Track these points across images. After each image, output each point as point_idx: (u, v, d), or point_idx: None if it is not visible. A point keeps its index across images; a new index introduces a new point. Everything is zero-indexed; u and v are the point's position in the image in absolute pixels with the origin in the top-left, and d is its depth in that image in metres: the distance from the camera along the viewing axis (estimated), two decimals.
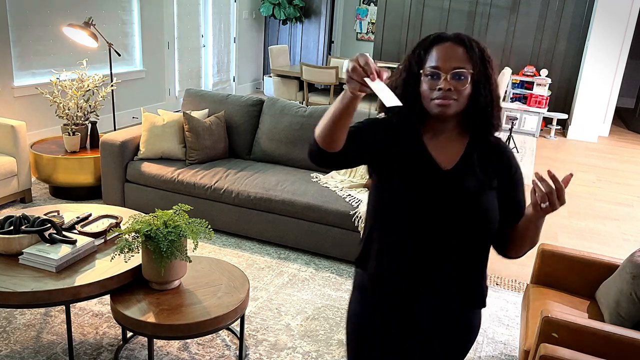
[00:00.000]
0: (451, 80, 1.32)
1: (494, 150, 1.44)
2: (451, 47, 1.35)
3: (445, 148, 1.42)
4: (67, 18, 5.55)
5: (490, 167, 1.42)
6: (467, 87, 1.34)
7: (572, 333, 1.98)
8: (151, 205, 3.85)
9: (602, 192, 5.53)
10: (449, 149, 1.42)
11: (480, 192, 1.38)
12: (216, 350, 2.59)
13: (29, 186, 4.08)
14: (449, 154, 1.41)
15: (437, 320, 1.44)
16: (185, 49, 7.66)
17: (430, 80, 1.34)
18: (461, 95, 1.33)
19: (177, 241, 2.17)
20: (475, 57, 1.35)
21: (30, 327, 2.67)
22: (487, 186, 1.39)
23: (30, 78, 5.26)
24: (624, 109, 10.14)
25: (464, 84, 1.33)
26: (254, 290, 3.16)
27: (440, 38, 1.38)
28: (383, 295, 1.45)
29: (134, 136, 3.99)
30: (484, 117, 1.39)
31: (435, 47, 1.37)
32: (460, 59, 1.34)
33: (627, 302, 2.20)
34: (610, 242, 4.27)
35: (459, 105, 1.34)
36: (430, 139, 1.43)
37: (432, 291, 1.41)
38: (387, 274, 1.43)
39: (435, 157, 1.41)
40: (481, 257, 1.44)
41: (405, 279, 1.41)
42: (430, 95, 1.34)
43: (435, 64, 1.33)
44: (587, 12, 7.82)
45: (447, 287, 1.41)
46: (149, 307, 2.17)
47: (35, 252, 2.25)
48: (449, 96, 1.32)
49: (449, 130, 1.43)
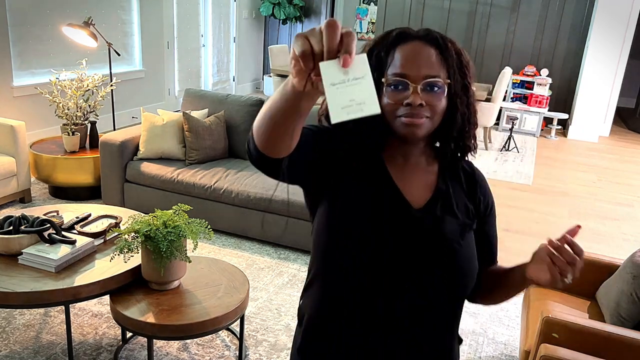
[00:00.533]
0: (423, 93, 1.02)
1: (469, 180, 1.19)
2: (421, 48, 1.04)
3: (412, 178, 1.12)
4: (67, 18, 5.54)
5: (468, 201, 1.16)
6: (443, 101, 1.04)
7: (572, 333, 1.98)
8: (151, 205, 3.85)
9: (603, 192, 5.53)
10: (416, 179, 1.13)
11: (461, 236, 1.10)
12: (216, 351, 2.59)
13: (28, 186, 4.08)
14: (418, 187, 1.12)
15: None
16: (185, 48, 7.66)
17: (395, 91, 1.02)
18: (435, 112, 1.04)
19: (176, 241, 2.16)
20: (452, 62, 1.06)
21: (30, 327, 2.66)
22: (467, 228, 1.12)
23: (29, 78, 5.26)
24: (625, 109, 10.14)
25: (439, 98, 1.03)
26: (253, 290, 3.15)
27: (406, 35, 1.06)
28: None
29: (133, 136, 3.98)
30: (460, 137, 1.11)
31: (399, 47, 1.05)
32: (434, 65, 1.03)
33: (627, 303, 2.20)
34: (611, 242, 4.27)
35: (432, 124, 1.05)
36: (392, 166, 1.12)
37: (393, 357, 1.10)
38: (336, 337, 1.11)
39: (402, 191, 1.10)
40: (457, 312, 1.15)
41: (359, 345, 1.10)
42: (394, 112, 1.03)
43: (401, 70, 1.02)
44: (587, 11, 7.82)
45: (413, 352, 1.11)
46: (149, 308, 2.17)
47: (34, 252, 2.25)
48: (420, 113, 1.02)
49: (416, 155, 1.13)
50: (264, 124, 0.88)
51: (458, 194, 1.15)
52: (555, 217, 4.71)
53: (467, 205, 1.15)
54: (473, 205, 1.16)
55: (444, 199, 1.13)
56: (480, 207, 1.18)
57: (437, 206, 1.11)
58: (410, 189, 1.12)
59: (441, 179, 1.15)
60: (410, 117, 1.02)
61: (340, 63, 0.71)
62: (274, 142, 0.90)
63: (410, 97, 1.02)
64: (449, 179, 1.16)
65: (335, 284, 1.09)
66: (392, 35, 1.08)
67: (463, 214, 1.13)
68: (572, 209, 4.95)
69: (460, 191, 1.16)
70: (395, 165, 1.13)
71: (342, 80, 0.72)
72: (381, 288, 1.06)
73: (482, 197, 1.19)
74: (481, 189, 1.19)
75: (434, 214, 1.10)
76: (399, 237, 1.07)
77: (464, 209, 1.14)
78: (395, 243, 1.07)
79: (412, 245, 1.07)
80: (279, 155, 0.93)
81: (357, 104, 0.72)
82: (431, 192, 1.13)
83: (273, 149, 0.91)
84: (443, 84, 1.04)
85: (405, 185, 1.11)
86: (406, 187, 1.11)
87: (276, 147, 0.91)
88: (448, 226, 1.10)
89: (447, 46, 1.06)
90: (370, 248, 1.06)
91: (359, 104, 0.72)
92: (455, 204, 1.13)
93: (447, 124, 1.09)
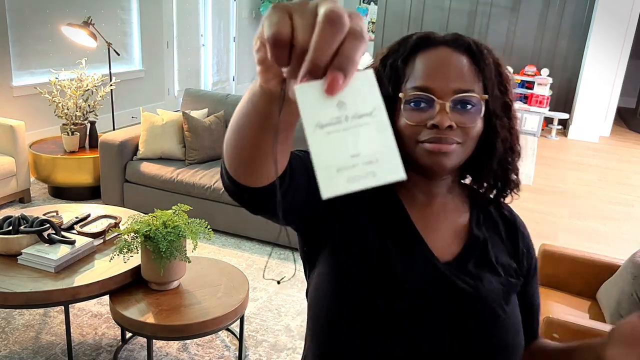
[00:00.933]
0: (452, 112, 0.80)
1: (510, 228, 0.94)
2: (450, 55, 0.83)
3: (437, 224, 0.89)
4: (66, 17, 5.54)
5: (509, 255, 0.92)
6: (478, 123, 0.83)
7: (573, 333, 1.97)
8: (150, 206, 3.83)
9: (603, 192, 5.52)
10: (443, 225, 0.89)
11: (505, 300, 0.85)
12: (216, 351, 2.58)
13: (27, 186, 4.07)
14: (445, 235, 0.89)
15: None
16: (185, 48, 7.65)
17: (416, 110, 0.81)
18: (468, 136, 0.82)
19: (176, 241, 2.16)
20: (489, 73, 0.84)
21: (30, 327, 2.66)
22: (513, 289, 0.88)
23: (29, 78, 5.25)
24: (625, 109, 10.13)
25: (473, 118, 0.82)
26: (253, 290, 3.15)
27: (429, 40, 0.86)
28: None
29: (133, 136, 3.98)
30: (500, 171, 0.89)
31: (421, 54, 0.84)
32: (466, 76, 0.82)
33: (628, 303, 2.19)
34: (611, 242, 4.26)
35: (464, 152, 0.83)
36: (412, 208, 0.89)
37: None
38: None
39: (425, 239, 0.87)
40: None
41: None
42: (415, 136, 0.82)
43: (424, 83, 0.81)
44: (588, 11, 7.82)
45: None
46: (148, 308, 2.17)
47: (34, 253, 2.24)
48: (449, 138, 0.80)
49: (442, 194, 0.90)
50: (232, 139, 0.64)
51: (496, 245, 0.91)
52: (555, 217, 4.71)
53: (508, 262, 0.90)
54: (515, 261, 0.92)
55: (480, 251, 0.88)
56: (523, 264, 0.93)
57: (471, 260, 0.87)
58: (435, 237, 0.87)
59: (475, 225, 0.91)
60: (436, 142, 0.80)
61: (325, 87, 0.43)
62: (247, 166, 0.65)
63: (436, 117, 0.80)
64: (485, 225, 0.92)
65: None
66: (411, 40, 0.86)
67: (504, 271, 0.88)
68: (572, 209, 4.95)
69: (499, 242, 0.92)
70: (416, 206, 0.89)
71: (335, 118, 0.43)
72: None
73: (526, 250, 0.94)
74: (524, 240, 0.95)
75: (468, 270, 0.85)
76: (423, 300, 0.82)
77: (505, 264, 0.90)
78: (419, 310, 0.81)
79: (440, 312, 0.81)
80: (258, 184, 0.68)
81: (364, 164, 0.43)
82: (463, 242, 0.89)
83: (249, 175, 0.67)
84: (479, 101, 0.82)
85: (429, 233, 0.87)
86: (431, 236, 0.87)
87: (253, 173, 0.66)
88: (487, 286, 0.84)
89: (482, 53, 0.85)
90: (383, 313, 0.80)
91: (367, 163, 0.43)
92: (494, 257, 0.89)
93: (484, 153, 0.86)
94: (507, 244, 0.93)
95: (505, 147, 0.88)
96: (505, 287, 0.86)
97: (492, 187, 0.92)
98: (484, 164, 0.88)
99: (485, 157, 0.88)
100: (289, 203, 0.76)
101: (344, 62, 0.42)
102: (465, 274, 0.85)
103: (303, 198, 0.77)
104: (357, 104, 0.43)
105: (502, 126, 0.87)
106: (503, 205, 0.97)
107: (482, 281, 0.85)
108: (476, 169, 0.91)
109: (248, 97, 0.58)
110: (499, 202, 0.95)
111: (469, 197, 0.94)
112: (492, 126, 0.86)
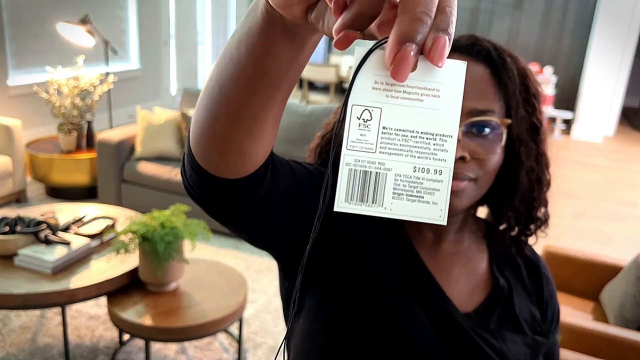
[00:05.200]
0: (466, 138, 0.66)
1: (533, 272, 0.80)
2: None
3: (451, 268, 0.75)
4: (64, 15, 5.50)
5: (533, 305, 0.78)
6: (498, 153, 0.68)
7: (576, 335, 1.95)
8: (148, 206, 3.81)
9: (607, 192, 5.50)
10: (458, 269, 0.75)
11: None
12: (214, 354, 2.55)
13: (24, 186, 4.04)
14: (461, 280, 0.75)
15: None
16: (183, 46, 7.62)
17: None
18: (485, 169, 0.68)
19: (174, 242, 2.14)
20: (513, 88, 0.68)
21: (26, 329, 2.63)
22: (539, 351, 0.76)
23: (25, 76, 5.22)
24: (630, 108, 10.10)
25: (492, 147, 0.67)
26: (252, 292, 3.12)
27: None
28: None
29: (130, 135, 3.95)
30: (524, 208, 0.73)
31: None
32: (484, 93, 0.67)
33: (631, 304, 2.17)
34: (615, 243, 4.24)
35: (479, 191, 0.69)
36: (421, 247, 0.75)
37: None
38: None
39: (442, 286, 0.73)
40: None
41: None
42: None
43: None
44: (591, 8, 7.79)
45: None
46: (146, 310, 2.14)
47: (30, 254, 2.22)
48: (460, 173, 0.66)
49: (453, 231, 0.76)
50: (210, 100, 0.48)
51: (520, 293, 0.77)
52: (559, 218, 4.68)
53: (532, 313, 0.76)
54: (540, 310, 0.78)
55: (505, 302, 0.74)
56: (547, 314, 0.79)
57: (494, 314, 0.72)
58: (450, 283, 0.73)
59: (496, 269, 0.76)
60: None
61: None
62: (228, 138, 0.49)
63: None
64: (506, 269, 0.77)
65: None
66: None
67: (529, 328, 0.75)
68: (576, 210, 4.93)
69: (522, 290, 0.77)
70: (424, 245, 0.74)
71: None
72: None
73: (550, 299, 0.80)
74: (548, 286, 0.80)
75: (489, 328, 0.71)
76: (431, 354, 0.68)
77: (529, 318, 0.76)
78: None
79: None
80: (235, 171, 0.52)
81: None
82: (484, 290, 0.74)
83: (228, 153, 0.51)
84: (499, 125, 0.66)
85: (443, 277, 0.73)
86: (445, 280, 0.73)
87: (233, 148, 0.50)
88: (513, 349, 0.71)
89: (504, 63, 0.68)
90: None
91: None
92: (518, 311, 0.74)
93: (505, 186, 0.72)
94: (530, 292, 0.78)
95: (530, 179, 0.72)
96: (531, 349, 0.73)
97: (513, 226, 0.76)
98: (505, 199, 0.73)
99: (506, 193, 0.72)
100: (269, 215, 0.60)
101: (446, 24, 0.32)
102: (487, 332, 0.70)
103: (287, 215, 0.62)
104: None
105: (528, 154, 0.70)
106: (523, 244, 0.80)
107: (505, 342, 0.71)
108: (496, 204, 0.75)
109: (243, 32, 0.43)
110: (524, 243, 0.79)
111: (486, 234, 0.79)
112: (515, 154, 0.70)
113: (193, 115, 0.51)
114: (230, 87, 0.45)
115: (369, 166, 0.35)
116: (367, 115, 0.34)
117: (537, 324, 0.77)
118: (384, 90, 0.34)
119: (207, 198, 0.57)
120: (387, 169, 0.35)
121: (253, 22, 0.41)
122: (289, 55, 0.42)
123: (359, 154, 0.35)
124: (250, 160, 0.52)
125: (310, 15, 0.38)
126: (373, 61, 0.34)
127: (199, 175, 0.54)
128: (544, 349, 0.77)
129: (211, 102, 0.47)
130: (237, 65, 0.44)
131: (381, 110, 0.34)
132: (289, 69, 0.44)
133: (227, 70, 0.45)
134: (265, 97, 0.45)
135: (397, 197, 0.35)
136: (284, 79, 0.44)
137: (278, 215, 0.62)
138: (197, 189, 0.56)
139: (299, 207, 0.63)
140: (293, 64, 0.43)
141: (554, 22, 8.02)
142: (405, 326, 0.68)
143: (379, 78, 0.34)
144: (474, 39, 0.71)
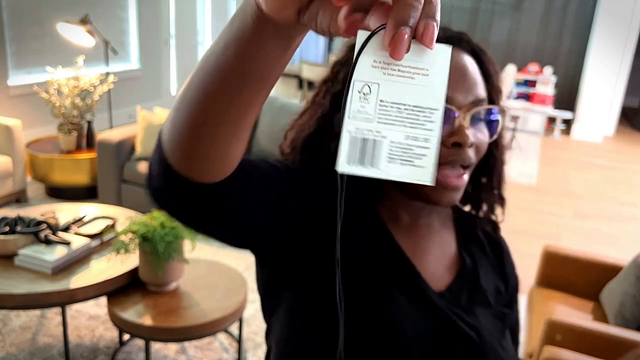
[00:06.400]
0: (472, 126, 0.70)
1: (495, 248, 0.85)
2: (461, 58, 0.72)
3: (424, 248, 0.77)
4: (64, 16, 5.50)
5: (497, 279, 0.83)
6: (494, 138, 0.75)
7: (576, 335, 1.95)
8: (148, 206, 3.81)
9: (607, 192, 5.50)
10: (430, 249, 0.78)
11: (503, 335, 0.77)
12: (214, 354, 2.55)
13: (24, 186, 4.04)
14: (434, 260, 0.77)
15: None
16: (183, 46, 7.62)
17: None
18: (480, 154, 0.73)
19: (174, 242, 2.14)
20: (493, 81, 0.75)
21: (26, 329, 2.63)
22: (507, 321, 0.79)
23: (25, 76, 5.22)
24: (630, 108, 10.10)
25: (493, 135, 0.74)
26: (252, 292, 3.12)
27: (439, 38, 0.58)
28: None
29: (130, 135, 3.95)
30: (493, 187, 0.81)
31: None
32: (480, 85, 0.72)
33: (631, 304, 2.17)
34: (615, 243, 4.24)
35: (468, 177, 0.73)
36: (395, 228, 0.76)
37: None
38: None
39: (416, 265, 0.75)
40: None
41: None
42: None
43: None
44: (591, 9, 7.79)
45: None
46: (146, 310, 2.14)
47: (30, 254, 2.22)
48: (469, 157, 0.70)
49: (427, 213, 0.79)
50: (191, 96, 0.48)
51: (485, 270, 0.81)
52: (558, 218, 4.69)
53: (497, 286, 0.81)
54: (504, 284, 0.83)
55: (472, 279, 0.78)
56: (509, 287, 0.84)
57: (464, 290, 0.76)
58: (424, 264, 0.75)
59: (463, 248, 0.80)
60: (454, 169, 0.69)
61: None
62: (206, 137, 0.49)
63: (457, 133, 0.67)
64: (472, 247, 0.82)
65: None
66: None
67: (495, 300, 0.79)
68: (576, 210, 4.93)
69: (487, 263, 0.82)
70: (399, 227, 0.76)
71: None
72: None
73: (511, 272, 0.86)
74: (508, 260, 0.86)
75: (461, 305, 0.74)
76: (414, 333, 0.69)
77: (494, 292, 0.80)
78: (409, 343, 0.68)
79: (433, 346, 0.69)
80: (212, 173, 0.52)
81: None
82: (454, 268, 0.78)
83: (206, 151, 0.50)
84: (498, 112, 0.72)
85: (417, 258, 0.75)
86: (418, 260, 0.75)
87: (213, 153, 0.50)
88: (483, 321, 0.74)
89: (486, 57, 0.75)
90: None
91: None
92: (485, 285, 0.79)
93: (482, 168, 0.78)
94: (495, 266, 0.83)
95: (495, 161, 0.79)
96: (500, 320, 0.77)
97: (477, 204, 0.82)
98: (481, 183, 0.80)
99: (483, 174, 0.79)
100: (249, 215, 0.61)
101: (433, 11, 0.38)
102: (460, 309, 0.73)
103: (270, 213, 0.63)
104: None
105: (499, 138, 0.77)
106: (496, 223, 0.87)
107: (478, 317, 0.74)
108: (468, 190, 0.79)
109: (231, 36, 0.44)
110: (490, 220, 0.85)
111: (453, 214, 0.84)
112: (496, 140, 0.76)
113: (166, 126, 0.51)
114: (219, 90, 0.47)
115: (367, 134, 0.40)
116: (367, 89, 0.40)
117: (502, 296, 0.81)
118: (382, 68, 0.40)
119: (183, 205, 0.56)
120: (383, 136, 0.40)
121: (243, 26, 0.43)
122: (277, 55, 0.45)
123: (359, 123, 0.40)
124: (231, 162, 0.53)
125: (302, 17, 0.41)
126: (373, 44, 0.39)
127: (175, 183, 0.54)
128: (509, 319, 0.81)
129: (194, 107, 0.48)
130: (224, 69, 0.46)
131: (379, 85, 0.40)
132: (277, 67, 0.46)
133: (212, 75, 0.46)
134: (254, 95, 0.47)
135: (391, 161, 0.40)
136: (270, 77, 0.47)
137: (258, 214, 0.63)
138: (172, 197, 0.55)
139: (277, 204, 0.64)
140: (280, 62, 0.46)
141: (554, 22, 8.02)
142: (388, 310, 0.69)
143: (378, 58, 0.40)
144: (461, 34, 0.75)
